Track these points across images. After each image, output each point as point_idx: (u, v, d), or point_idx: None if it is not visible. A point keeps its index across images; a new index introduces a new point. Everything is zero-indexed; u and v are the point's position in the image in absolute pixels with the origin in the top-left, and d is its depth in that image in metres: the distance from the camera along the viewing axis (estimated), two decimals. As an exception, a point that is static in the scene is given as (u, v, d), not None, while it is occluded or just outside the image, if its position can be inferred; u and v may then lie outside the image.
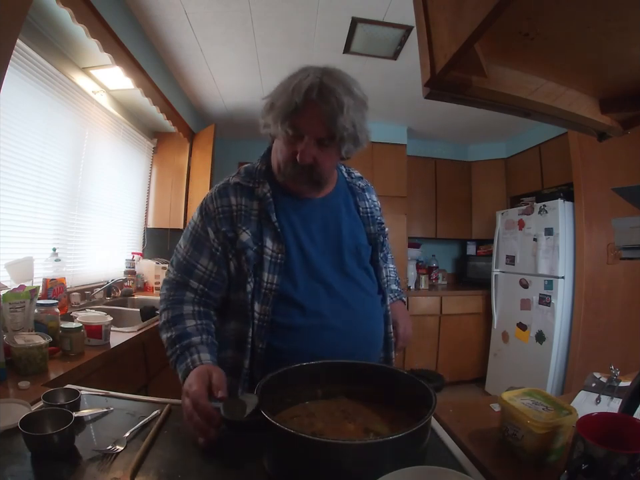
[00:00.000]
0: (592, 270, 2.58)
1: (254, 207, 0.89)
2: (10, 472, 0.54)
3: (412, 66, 2.49)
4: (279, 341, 0.84)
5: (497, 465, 0.61)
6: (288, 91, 0.80)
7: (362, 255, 0.95)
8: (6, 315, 1.16)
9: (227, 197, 0.90)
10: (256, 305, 0.84)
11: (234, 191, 0.90)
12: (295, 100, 0.78)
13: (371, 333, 0.93)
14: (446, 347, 3.51)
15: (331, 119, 0.79)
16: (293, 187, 0.90)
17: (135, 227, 3.02)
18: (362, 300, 0.92)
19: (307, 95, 0.78)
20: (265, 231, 0.87)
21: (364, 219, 0.99)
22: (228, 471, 0.58)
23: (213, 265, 0.88)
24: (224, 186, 0.93)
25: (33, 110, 1.72)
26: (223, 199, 0.90)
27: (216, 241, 0.88)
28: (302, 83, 0.79)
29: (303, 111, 0.79)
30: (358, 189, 1.02)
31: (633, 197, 0.72)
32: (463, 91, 0.56)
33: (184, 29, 2.13)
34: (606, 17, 0.46)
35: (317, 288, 0.88)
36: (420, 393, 0.61)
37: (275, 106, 0.83)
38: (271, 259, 0.85)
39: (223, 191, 0.91)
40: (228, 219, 0.88)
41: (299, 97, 0.78)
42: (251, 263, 0.85)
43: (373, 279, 0.97)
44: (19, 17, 0.98)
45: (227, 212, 0.88)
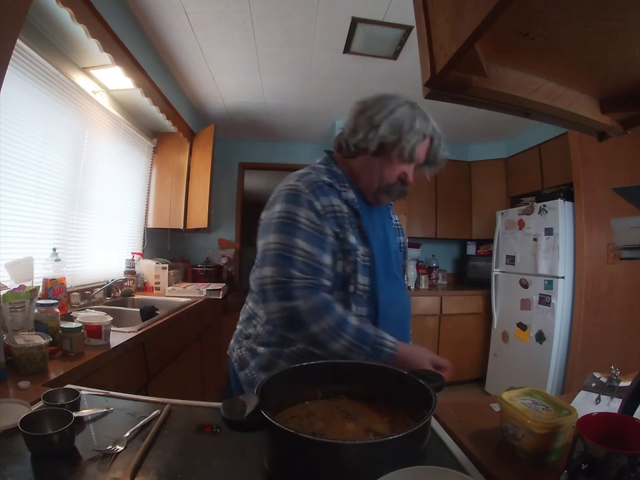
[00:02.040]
0: (592, 270, 2.58)
1: (345, 210, 0.93)
2: (10, 472, 0.54)
3: (412, 66, 2.49)
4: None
5: (496, 465, 0.61)
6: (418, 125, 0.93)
7: (399, 258, 1.09)
8: (6, 315, 1.16)
9: (326, 197, 0.91)
10: (353, 306, 0.90)
11: (330, 192, 0.93)
12: (424, 133, 0.95)
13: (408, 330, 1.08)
14: (446, 347, 3.51)
15: (439, 155, 1.01)
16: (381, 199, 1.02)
17: (135, 227, 3.02)
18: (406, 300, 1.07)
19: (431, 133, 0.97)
20: (355, 234, 0.93)
21: (395, 230, 1.13)
22: (228, 471, 0.58)
23: (334, 262, 0.91)
24: (320, 184, 0.92)
25: (32, 110, 1.72)
26: (324, 198, 0.90)
27: (333, 238, 0.90)
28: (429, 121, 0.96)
29: (423, 143, 0.96)
30: (389, 204, 1.17)
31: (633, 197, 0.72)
32: (462, 91, 0.56)
33: (184, 28, 2.13)
34: (606, 16, 0.46)
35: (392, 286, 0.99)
36: (420, 392, 0.61)
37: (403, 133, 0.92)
38: (362, 261, 0.92)
39: (321, 190, 0.91)
40: (333, 219, 0.91)
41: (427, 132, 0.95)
42: (358, 264, 0.91)
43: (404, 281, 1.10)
44: (18, 16, 0.98)
45: (330, 212, 0.91)
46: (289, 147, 4.20)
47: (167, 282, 2.75)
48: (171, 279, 2.84)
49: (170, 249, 3.53)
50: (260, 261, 0.89)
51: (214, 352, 2.90)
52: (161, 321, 1.86)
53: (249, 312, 1.03)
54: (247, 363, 0.98)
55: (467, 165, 4.07)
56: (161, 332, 1.82)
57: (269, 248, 0.87)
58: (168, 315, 1.99)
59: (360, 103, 0.99)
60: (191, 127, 3.16)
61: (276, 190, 0.95)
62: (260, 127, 3.75)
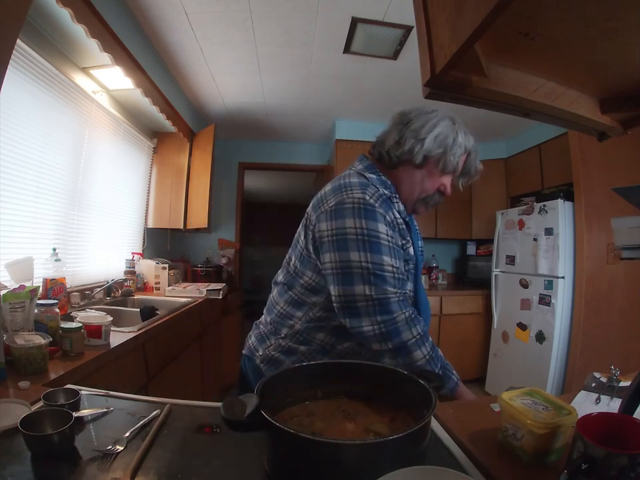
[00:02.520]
0: (592, 270, 2.58)
1: (401, 222, 0.97)
2: (10, 472, 0.54)
3: (412, 66, 2.49)
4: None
5: (497, 465, 0.61)
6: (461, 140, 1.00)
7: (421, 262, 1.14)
8: (6, 315, 1.16)
9: (391, 211, 0.94)
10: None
11: (391, 205, 0.96)
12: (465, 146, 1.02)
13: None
14: (446, 347, 3.50)
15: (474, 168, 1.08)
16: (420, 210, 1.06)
17: (135, 227, 3.02)
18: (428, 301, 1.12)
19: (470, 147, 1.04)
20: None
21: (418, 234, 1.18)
22: (228, 471, 0.58)
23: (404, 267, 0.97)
24: (383, 198, 0.94)
25: (32, 110, 1.72)
26: (390, 213, 0.93)
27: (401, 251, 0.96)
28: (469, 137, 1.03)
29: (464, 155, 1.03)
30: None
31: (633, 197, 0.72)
32: (462, 91, 0.56)
33: (184, 28, 2.13)
34: (606, 16, 0.46)
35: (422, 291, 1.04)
36: (420, 392, 0.61)
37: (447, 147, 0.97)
38: (411, 270, 0.99)
39: (386, 204, 0.94)
40: (398, 232, 0.95)
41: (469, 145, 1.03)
42: (412, 274, 0.99)
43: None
44: (18, 16, 0.98)
45: (394, 224, 0.94)
46: (289, 147, 4.20)
47: (166, 282, 2.75)
48: (170, 279, 2.84)
49: (170, 249, 3.53)
50: (342, 278, 0.89)
51: (214, 352, 2.90)
52: (161, 320, 1.86)
53: (281, 313, 1.03)
54: (280, 362, 0.98)
55: (467, 164, 4.06)
56: (160, 332, 1.82)
57: (354, 266, 0.88)
58: (168, 315, 1.99)
59: (402, 114, 1.02)
60: (190, 127, 3.16)
61: (333, 199, 0.93)
62: (260, 127, 3.75)
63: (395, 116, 1.03)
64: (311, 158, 4.22)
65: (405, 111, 1.02)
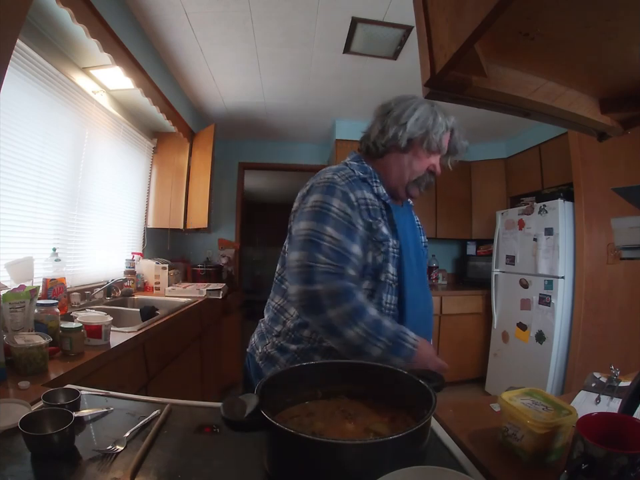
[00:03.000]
0: (592, 270, 2.58)
1: (377, 204, 0.98)
2: (10, 472, 0.54)
3: (412, 66, 2.48)
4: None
5: (496, 465, 0.61)
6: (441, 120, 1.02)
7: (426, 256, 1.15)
8: (6, 315, 1.16)
9: (360, 190, 0.96)
10: (384, 295, 0.94)
11: (363, 185, 0.99)
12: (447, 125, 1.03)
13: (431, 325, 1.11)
14: (446, 347, 3.50)
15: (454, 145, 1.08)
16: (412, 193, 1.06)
17: (135, 227, 3.02)
18: (429, 296, 1.11)
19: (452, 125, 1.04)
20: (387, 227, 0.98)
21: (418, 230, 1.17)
22: (228, 471, 0.58)
23: (362, 252, 0.93)
24: (354, 179, 0.98)
25: (32, 110, 1.72)
26: (357, 192, 0.95)
27: (363, 229, 0.94)
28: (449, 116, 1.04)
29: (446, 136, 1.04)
30: (410, 205, 1.21)
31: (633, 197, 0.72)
32: (462, 91, 0.56)
33: (184, 28, 2.13)
34: (606, 16, 0.46)
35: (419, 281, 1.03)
36: (420, 392, 0.61)
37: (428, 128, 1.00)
38: (392, 252, 0.96)
39: (355, 183, 0.97)
40: (366, 211, 0.95)
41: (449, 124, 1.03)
42: (389, 255, 0.95)
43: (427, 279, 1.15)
44: (18, 16, 0.98)
45: (363, 205, 0.95)
46: (289, 147, 4.20)
47: (166, 282, 2.75)
48: (170, 279, 2.84)
49: (170, 249, 3.53)
50: (290, 247, 0.95)
51: (214, 352, 2.90)
52: (161, 320, 1.86)
53: (275, 308, 1.04)
54: (275, 359, 0.99)
55: (467, 165, 4.06)
56: (160, 332, 1.82)
57: (299, 234, 0.91)
58: (168, 315, 1.99)
59: (383, 106, 1.08)
60: (190, 127, 3.16)
61: (309, 184, 1.00)
62: (260, 127, 3.75)
63: (377, 109, 1.10)
64: (311, 158, 4.22)
65: (385, 102, 1.09)
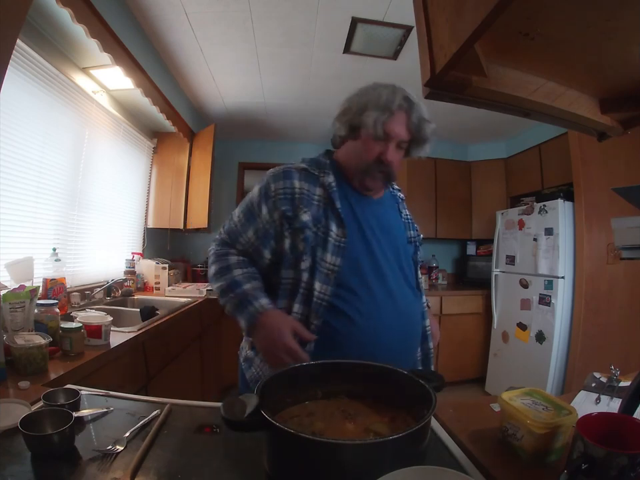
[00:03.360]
0: (592, 270, 2.58)
1: (316, 193, 0.97)
2: (10, 472, 0.54)
3: (412, 66, 2.48)
4: (335, 321, 0.91)
5: (497, 465, 0.61)
6: (382, 100, 0.94)
7: (407, 252, 1.07)
8: (6, 315, 1.16)
9: (290, 180, 0.97)
10: (316, 284, 0.91)
11: (298, 175, 0.98)
12: (390, 107, 0.93)
13: (413, 324, 1.01)
14: (446, 347, 3.50)
15: (417, 127, 0.96)
16: (366, 183, 1.00)
17: (135, 227, 3.02)
18: (408, 293, 1.02)
19: (400, 105, 0.94)
20: (329, 216, 0.95)
21: (405, 224, 1.11)
22: (228, 471, 0.58)
23: (255, 239, 0.98)
24: (288, 169, 1.00)
25: (32, 110, 1.72)
26: (286, 181, 0.97)
27: (267, 218, 0.96)
28: (395, 95, 0.95)
29: (394, 118, 0.94)
30: (399, 199, 1.16)
31: (633, 197, 0.72)
32: (462, 91, 0.56)
33: (184, 29, 2.12)
34: (606, 16, 0.46)
35: (375, 277, 0.96)
36: (420, 392, 0.61)
37: (366, 111, 0.95)
38: (334, 241, 0.93)
39: (287, 173, 0.98)
40: (289, 200, 0.95)
41: (393, 106, 0.93)
42: (308, 242, 0.93)
43: (413, 276, 1.07)
44: (18, 16, 0.98)
45: (288, 193, 0.96)
46: (288, 147, 4.20)
47: (166, 282, 2.75)
48: (170, 279, 2.84)
49: (170, 249, 3.53)
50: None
51: (214, 352, 2.89)
52: (161, 320, 1.86)
53: None
54: (251, 360, 0.99)
55: (467, 165, 4.06)
56: (161, 332, 1.82)
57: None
58: (168, 315, 1.99)
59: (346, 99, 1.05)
60: (190, 127, 3.16)
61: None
62: (260, 127, 3.75)
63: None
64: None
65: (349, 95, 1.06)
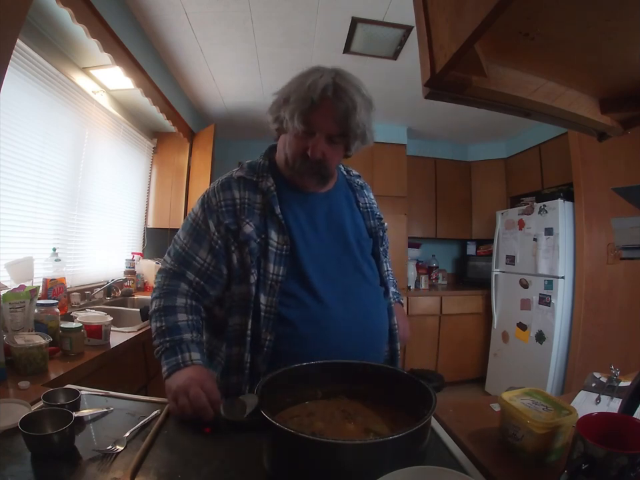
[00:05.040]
0: (592, 270, 2.58)
1: (257, 201, 0.91)
2: (10, 472, 0.54)
3: (412, 66, 2.48)
4: (283, 331, 0.85)
5: (496, 465, 0.61)
6: (303, 88, 0.83)
7: (364, 247, 0.98)
8: (6, 315, 1.16)
9: (229, 191, 0.91)
10: (262, 297, 0.85)
11: (237, 185, 0.92)
12: (311, 97, 0.82)
13: (376, 324, 0.94)
14: (446, 347, 3.51)
15: (344, 117, 0.84)
16: (299, 181, 0.92)
17: (135, 227, 3.02)
18: (367, 291, 0.94)
19: (323, 93, 0.82)
20: (269, 223, 0.88)
21: (364, 213, 1.02)
22: (228, 471, 0.58)
23: (211, 258, 0.90)
24: (227, 180, 0.94)
25: (32, 110, 1.72)
26: (225, 192, 0.91)
27: (216, 235, 0.89)
28: (317, 82, 0.83)
29: (317, 108, 0.83)
30: (357, 186, 1.06)
31: (633, 197, 0.72)
32: (462, 91, 0.56)
33: (184, 29, 2.12)
34: (606, 16, 0.46)
35: (323, 281, 0.89)
36: (420, 392, 0.61)
37: (289, 102, 0.86)
38: (276, 250, 0.87)
39: (226, 184, 0.93)
40: (231, 212, 0.89)
41: (314, 94, 0.82)
42: (254, 254, 0.86)
43: (375, 272, 0.99)
44: (19, 16, 0.98)
45: (229, 205, 0.90)
46: (288, 147, 4.20)
47: (166, 282, 2.74)
48: (171, 279, 2.83)
49: (170, 249, 3.52)
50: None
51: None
52: (161, 320, 1.85)
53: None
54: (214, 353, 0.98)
55: (467, 165, 4.07)
56: (160, 332, 1.81)
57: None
58: (168, 315, 1.98)
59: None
60: (190, 127, 3.16)
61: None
62: (260, 127, 3.74)
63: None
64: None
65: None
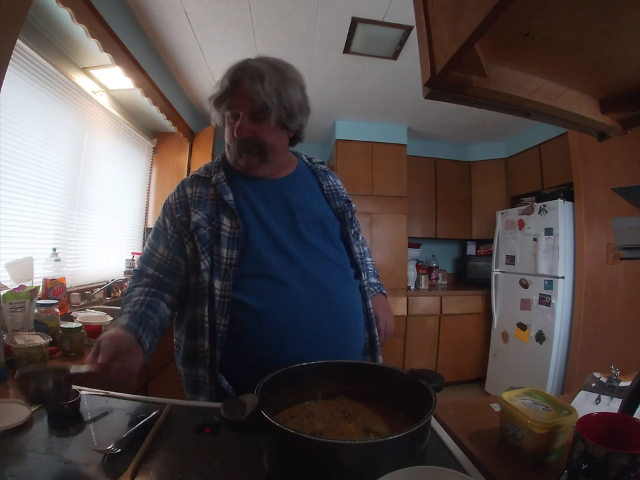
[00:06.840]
0: (592, 270, 2.58)
1: (209, 193, 0.96)
2: (10, 472, 0.54)
3: (412, 66, 2.49)
4: (240, 314, 0.86)
5: (496, 465, 0.61)
6: (219, 79, 0.91)
7: (328, 227, 0.99)
8: (6, 314, 1.16)
9: (183, 189, 0.98)
10: (216, 282, 0.87)
11: (190, 183, 0.99)
12: (225, 84, 0.89)
13: (343, 305, 0.94)
14: (446, 347, 3.51)
15: (254, 90, 0.87)
16: (244, 164, 0.95)
17: (135, 227, 3.02)
18: (330, 270, 0.94)
19: (234, 75, 0.90)
20: (220, 210, 0.92)
21: (328, 196, 1.04)
22: (228, 471, 0.58)
23: (168, 252, 0.95)
24: (182, 181, 1.01)
25: (32, 110, 1.72)
26: (180, 192, 0.98)
27: (171, 229, 0.95)
28: (229, 68, 0.91)
29: (233, 91, 0.90)
30: (320, 172, 1.09)
31: (633, 197, 0.72)
32: (463, 91, 0.56)
33: (184, 29, 2.12)
34: (606, 16, 0.46)
35: (281, 260, 0.90)
36: (420, 392, 0.61)
37: (213, 95, 0.93)
38: (228, 235, 0.90)
39: (180, 186, 1.00)
40: (183, 207, 0.95)
41: (227, 80, 0.89)
42: (204, 241, 0.90)
43: (342, 253, 1.00)
44: (18, 16, 0.98)
45: (182, 201, 0.96)
46: (288, 147, 4.20)
47: (166, 282, 2.74)
48: (170, 279, 2.83)
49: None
50: None
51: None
52: (161, 321, 1.85)
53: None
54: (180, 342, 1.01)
55: (467, 164, 4.07)
56: (160, 332, 1.81)
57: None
58: (168, 315, 1.99)
59: None
60: (190, 127, 3.16)
61: None
62: (260, 127, 3.75)
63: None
64: (311, 158, 4.22)
65: None
